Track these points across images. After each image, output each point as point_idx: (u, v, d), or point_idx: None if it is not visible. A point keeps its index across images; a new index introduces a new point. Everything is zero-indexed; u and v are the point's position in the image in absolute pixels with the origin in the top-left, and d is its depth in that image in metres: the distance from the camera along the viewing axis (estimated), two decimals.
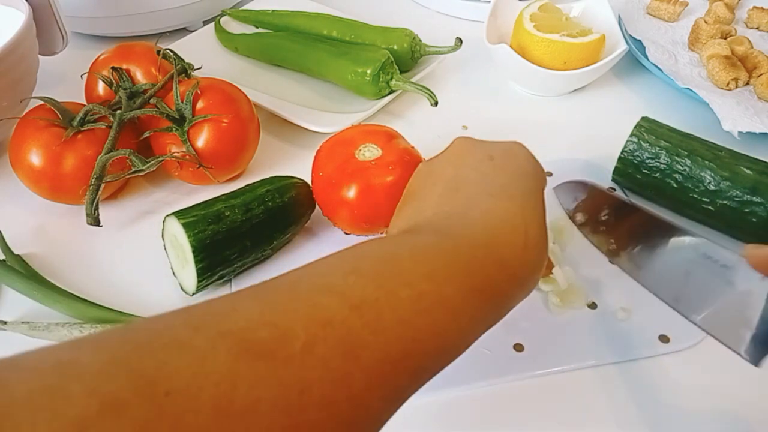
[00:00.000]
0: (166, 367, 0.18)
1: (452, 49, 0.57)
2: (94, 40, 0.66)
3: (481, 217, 0.29)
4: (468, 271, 0.26)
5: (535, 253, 0.29)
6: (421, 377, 0.23)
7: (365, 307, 0.22)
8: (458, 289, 0.25)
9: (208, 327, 0.20)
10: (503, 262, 0.27)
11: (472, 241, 0.27)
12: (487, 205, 0.29)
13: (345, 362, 0.20)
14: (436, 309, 0.24)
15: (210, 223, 0.40)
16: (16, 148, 0.46)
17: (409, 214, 0.31)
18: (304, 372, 0.19)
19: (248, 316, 0.20)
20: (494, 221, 0.29)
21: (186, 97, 0.47)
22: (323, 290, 0.22)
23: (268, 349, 0.19)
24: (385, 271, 0.24)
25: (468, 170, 0.32)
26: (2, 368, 0.17)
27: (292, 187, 0.45)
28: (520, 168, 0.32)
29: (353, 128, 0.46)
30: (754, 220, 0.43)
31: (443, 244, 0.27)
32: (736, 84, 0.57)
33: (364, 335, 0.21)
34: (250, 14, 0.66)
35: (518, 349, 0.39)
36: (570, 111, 0.59)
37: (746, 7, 0.67)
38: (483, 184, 0.31)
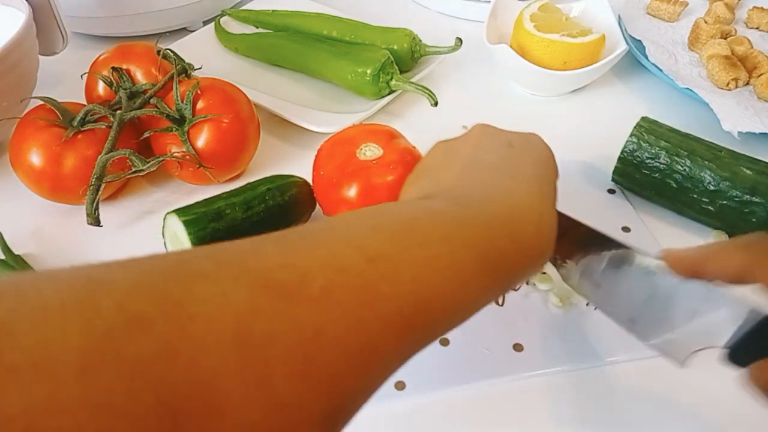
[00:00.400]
0: (191, 293, 0.18)
1: (452, 49, 0.57)
2: (94, 40, 0.66)
3: (500, 195, 0.30)
4: (483, 241, 0.27)
5: (546, 236, 0.30)
6: (428, 335, 0.24)
7: (381, 261, 0.23)
8: (472, 257, 0.26)
9: (232, 262, 0.20)
10: (517, 238, 0.28)
11: (489, 213, 0.28)
12: (506, 185, 0.30)
13: (361, 309, 0.21)
14: (449, 272, 0.24)
15: (210, 220, 0.40)
16: (16, 148, 0.46)
17: (425, 185, 0.32)
18: (321, 314, 0.20)
19: (269, 257, 0.21)
20: (512, 200, 0.30)
21: (186, 97, 0.47)
22: (342, 241, 0.23)
23: (287, 288, 0.20)
24: (402, 230, 0.25)
25: (488, 153, 0.33)
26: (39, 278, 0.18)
27: (292, 186, 0.45)
28: (538, 156, 0.34)
29: (354, 127, 0.46)
30: (753, 220, 0.43)
31: (462, 212, 0.28)
32: (736, 84, 0.57)
33: (380, 287, 0.22)
34: (250, 14, 0.66)
35: (518, 349, 0.39)
36: (570, 111, 0.59)
37: (746, 7, 0.67)
38: (503, 166, 0.32)
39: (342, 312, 0.20)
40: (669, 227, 0.47)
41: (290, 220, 0.45)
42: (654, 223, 0.47)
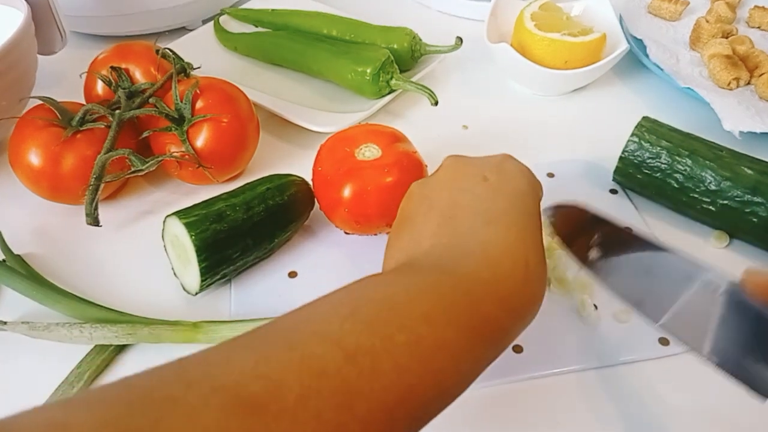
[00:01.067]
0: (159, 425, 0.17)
1: (452, 48, 0.57)
2: (93, 39, 0.66)
3: (481, 250, 0.28)
4: (468, 311, 0.25)
5: (536, 284, 0.28)
6: (419, 422, 0.23)
7: (360, 355, 0.21)
8: (458, 331, 0.24)
9: (201, 382, 0.19)
10: (504, 298, 0.27)
11: (471, 277, 0.27)
12: (486, 236, 0.29)
13: (339, 413, 0.20)
14: (435, 353, 0.23)
15: (212, 222, 0.40)
16: (15, 148, 0.46)
17: (405, 245, 0.31)
18: (296, 426, 0.19)
19: (242, 368, 0.20)
20: (494, 253, 0.28)
21: (185, 97, 0.47)
22: (318, 339, 0.22)
23: (260, 403, 0.19)
24: (381, 316, 0.23)
25: (462, 194, 0.31)
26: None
27: (291, 185, 0.45)
28: (515, 187, 0.31)
29: (359, 127, 0.46)
30: (755, 220, 0.43)
31: (442, 282, 0.26)
32: (737, 83, 0.57)
33: (360, 384, 0.21)
34: (250, 13, 0.66)
35: (517, 350, 0.39)
36: (570, 110, 0.59)
37: (748, 6, 0.67)
38: (480, 211, 0.30)
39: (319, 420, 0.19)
40: (670, 227, 0.47)
41: (290, 219, 0.44)
42: (655, 222, 0.47)
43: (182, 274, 0.42)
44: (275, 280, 0.44)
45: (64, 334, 0.39)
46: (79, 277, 0.44)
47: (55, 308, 0.41)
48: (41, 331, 0.40)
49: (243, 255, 0.42)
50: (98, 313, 0.41)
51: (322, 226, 0.47)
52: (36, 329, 0.40)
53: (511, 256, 0.28)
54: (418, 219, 0.32)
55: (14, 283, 0.42)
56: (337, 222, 0.44)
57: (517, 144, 0.54)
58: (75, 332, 0.39)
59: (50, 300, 0.41)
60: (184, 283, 0.42)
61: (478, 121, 0.57)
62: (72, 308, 0.41)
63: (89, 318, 0.41)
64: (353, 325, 0.23)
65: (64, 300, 0.41)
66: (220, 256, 0.41)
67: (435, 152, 0.45)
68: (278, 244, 0.45)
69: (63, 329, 0.39)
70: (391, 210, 0.37)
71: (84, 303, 0.41)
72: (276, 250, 0.45)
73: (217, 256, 0.40)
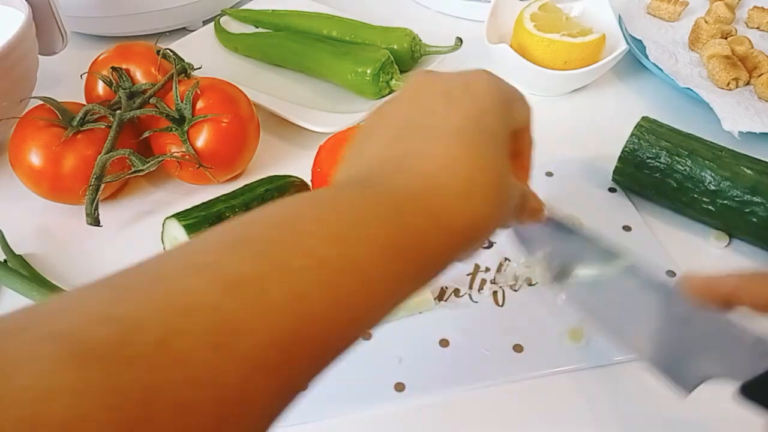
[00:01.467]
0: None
1: (452, 48, 0.57)
2: (93, 39, 0.66)
3: (418, 163, 0.24)
4: (387, 225, 0.22)
5: (480, 202, 0.24)
6: (323, 358, 0.20)
7: (244, 286, 0.18)
8: (372, 249, 0.21)
9: (36, 327, 0.16)
10: (435, 213, 0.23)
11: (398, 190, 0.23)
12: (429, 150, 0.25)
13: (214, 354, 0.17)
14: (342, 276, 0.20)
15: (211, 224, 0.40)
16: (15, 148, 0.46)
17: (348, 165, 0.27)
18: (155, 374, 0.16)
19: (92, 309, 0.17)
20: (431, 167, 0.24)
21: (186, 97, 0.47)
22: (193, 269, 0.18)
23: (107, 350, 0.15)
24: (275, 237, 0.20)
25: (420, 111, 0.27)
26: None
27: (290, 186, 0.45)
28: (477, 103, 0.27)
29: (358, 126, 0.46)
30: (754, 220, 0.43)
31: (361, 197, 0.23)
32: (737, 84, 0.57)
33: (242, 319, 0.17)
34: (250, 14, 0.66)
35: (518, 349, 0.39)
36: (570, 111, 0.59)
37: (747, 6, 0.67)
38: (432, 127, 0.26)
39: (185, 365, 0.16)
40: (669, 227, 0.47)
41: None
42: (654, 222, 0.47)
43: None
44: None
45: None
46: (78, 278, 0.44)
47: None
48: None
49: None
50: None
51: None
52: None
53: (450, 170, 0.24)
54: (367, 136, 0.28)
55: (15, 284, 0.42)
56: None
57: None
58: None
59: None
60: None
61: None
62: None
63: None
64: (240, 251, 0.19)
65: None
66: None
67: None
68: None
69: None
70: None
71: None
72: None
73: None
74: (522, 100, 0.29)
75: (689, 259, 0.44)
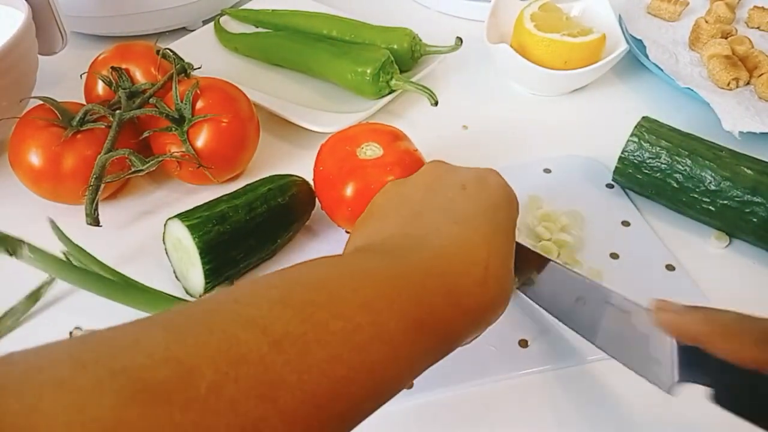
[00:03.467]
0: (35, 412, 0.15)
1: (452, 48, 0.57)
2: (93, 39, 0.66)
3: (440, 244, 0.27)
4: (414, 301, 0.24)
5: (495, 290, 0.27)
6: (353, 418, 0.21)
7: (288, 343, 0.20)
8: (400, 322, 0.23)
9: (99, 363, 0.17)
10: (456, 294, 0.25)
11: (424, 267, 0.26)
12: (449, 232, 0.28)
13: (259, 405, 0.18)
14: (373, 344, 0.22)
15: (215, 224, 0.40)
16: (15, 148, 0.46)
17: (368, 233, 0.30)
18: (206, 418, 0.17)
19: (151, 349, 0.18)
20: (453, 249, 0.27)
21: (185, 97, 0.47)
22: (242, 322, 0.20)
23: (165, 390, 0.17)
24: (317, 300, 0.22)
25: (437, 196, 0.30)
26: None
27: (292, 185, 0.45)
28: (491, 198, 0.30)
29: (359, 126, 0.46)
30: (754, 220, 0.43)
31: (391, 268, 0.25)
32: (737, 84, 0.57)
33: (285, 374, 0.19)
34: (250, 14, 0.66)
35: (523, 344, 0.39)
36: (570, 111, 0.59)
37: (747, 6, 0.67)
38: (450, 211, 0.29)
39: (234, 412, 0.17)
40: (670, 227, 0.47)
41: (292, 219, 0.45)
42: (654, 222, 0.47)
43: (185, 277, 0.42)
44: None
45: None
46: None
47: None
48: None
49: (246, 256, 0.42)
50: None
51: (324, 225, 0.47)
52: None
53: (470, 255, 0.27)
54: (386, 212, 0.31)
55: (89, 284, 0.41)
56: (339, 221, 0.44)
57: (516, 144, 0.55)
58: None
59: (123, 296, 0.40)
60: (188, 287, 0.42)
61: (478, 121, 0.57)
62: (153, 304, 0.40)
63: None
64: (283, 309, 0.21)
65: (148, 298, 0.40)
66: (224, 257, 0.41)
67: (435, 152, 0.45)
68: (281, 245, 0.45)
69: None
70: None
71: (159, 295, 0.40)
72: (278, 250, 0.45)
73: (221, 258, 0.41)
74: (518, 202, 0.33)
75: (690, 259, 0.44)
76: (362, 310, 0.22)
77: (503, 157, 0.53)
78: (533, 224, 0.46)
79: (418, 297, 0.24)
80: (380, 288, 0.23)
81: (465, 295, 0.26)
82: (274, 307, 0.21)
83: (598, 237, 0.45)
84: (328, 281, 0.23)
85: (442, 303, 0.25)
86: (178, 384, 0.17)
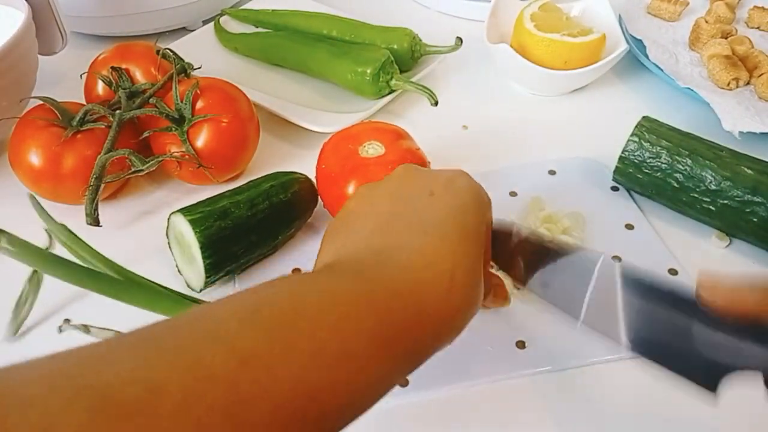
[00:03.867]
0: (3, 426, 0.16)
1: (452, 48, 0.57)
2: (93, 39, 0.66)
3: (407, 258, 0.27)
4: (381, 322, 0.24)
5: (461, 299, 0.27)
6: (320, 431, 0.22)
7: (255, 361, 0.20)
8: (368, 342, 0.23)
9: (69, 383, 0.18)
10: (423, 312, 0.26)
11: (390, 286, 0.26)
12: (416, 244, 0.28)
13: (225, 422, 0.19)
14: (340, 364, 0.22)
15: (216, 219, 0.41)
16: (15, 148, 0.46)
17: (336, 248, 0.30)
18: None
19: (119, 369, 0.19)
20: (419, 263, 0.27)
21: (185, 97, 0.47)
22: (210, 341, 0.20)
23: (132, 409, 0.17)
24: (285, 320, 0.22)
25: (404, 206, 0.31)
26: None
27: (295, 183, 0.45)
28: (459, 203, 0.30)
29: (362, 124, 0.46)
30: (755, 219, 0.43)
31: (358, 288, 0.25)
32: (737, 84, 0.57)
33: (253, 392, 0.19)
34: (250, 14, 0.66)
35: (520, 346, 0.39)
36: (570, 111, 0.59)
37: (747, 6, 0.67)
38: (416, 222, 0.29)
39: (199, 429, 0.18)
40: (670, 227, 0.47)
41: (294, 216, 0.45)
42: (655, 222, 0.47)
43: (186, 271, 0.42)
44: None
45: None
46: None
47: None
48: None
49: (247, 252, 0.42)
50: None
51: (326, 223, 0.46)
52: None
53: (435, 268, 0.27)
54: (355, 221, 0.31)
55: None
56: None
57: (516, 144, 0.55)
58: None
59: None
60: (188, 280, 0.42)
61: (478, 121, 0.57)
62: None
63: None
64: (252, 328, 0.21)
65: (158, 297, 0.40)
66: (225, 253, 0.41)
67: (435, 152, 0.45)
68: (282, 242, 0.45)
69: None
70: None
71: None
72: (280, 247, 0.45)
73: (222, 253, 0.41)
74: (490, 202, 0.32)
75: (690, 259, 0.44)
76: (329, 330, 0.23)
77: (503, 157, 0.53)
78: (535, 226, 0.46)
79: (384, 317, 0.25)
80: (347, 309, 0.24)
81: (429, 309, 0.26)
82: (243, 326, 0.21)
83: (600, 239, 0.45)
84: (295, 301, 0.24)
85: (410, 320, 0.25)
86: (145, 402, 0.18)
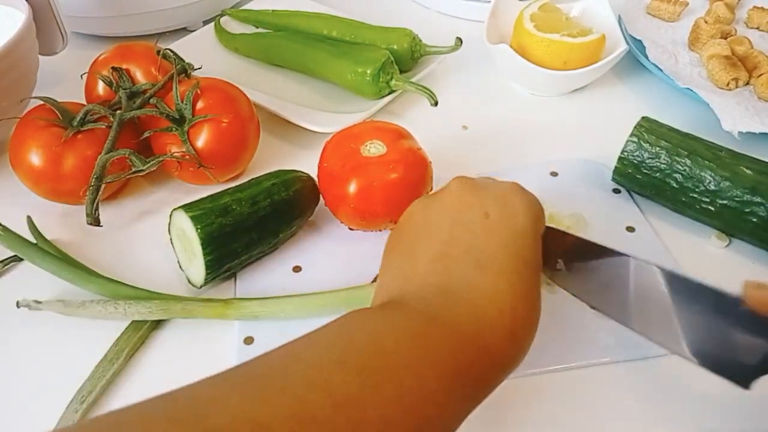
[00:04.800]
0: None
1: (452, 49, 0.57)
2: (94, 40, 0.66)
3: (468, 296, 0.29)
4: (452, 362, 0.26)
5: (522, 335, 0.29)
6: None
7: (349, 405, 0.22)
8: (442, 382, 0.25)
9: (191, 422, 0.20)
10: (487, 349, 0.27)
11: (460, 329, 0.27)
12: (475, 281, 0.29)
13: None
14: (420, 404, 0.24)
15: (218, 216, 0.41)
16: (16, 148, 0.46)
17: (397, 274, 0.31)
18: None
19: (233, 411, 0.20)
20: (482, 301, 0.28)
21: (186, 97, 0.47)
22: (309, 385, 0.22)
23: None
24: (370, 365, 0.24)
25: (461, 229, 0.31)
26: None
27: (296, 181, 0.45)
28: (514, 228, 0.31)
29: (364, 123, 0.46)
30: (754, 220, 0.43)
31: (429, 332, 0.27)
32: (736, 84, 0.57)
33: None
34: (250, 14, 0.66)
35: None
36: (570, 111, 0.59)
37: (746, 7, 0.67)
38: (474, 251, 0.30)
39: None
40: (670, 227, 0.47)
41: (295, 214, 0.45)
42: (654, 222, 0.47)
43: (188, 267, 0.42)
44: (279, 274, 0.44)
45: (99, 310, 0.40)
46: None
47: (88, 288, 0.42)
48: (76, 309, 0.40)
49: (248, 249, 0.42)
50: (130, 292, 0.41)
51: (327, 221, 0.47)
52: (71, 306, 0.41)
53: (498, 306, 0.28)
54: (414, 246, 0.32)
55: (48, 264, 0.43)
56: (342, 218, 0.44)
57: (516, 144, 0.55)
58: (110, 308, 0.40)
59: (83, 280, 0.42)
60: (190, 277, 0.42)
61: (478, 122, 0.57)
62: (105, 287, 0.42)
63: (121, 296, 0.41)
64: (344, 373, 0.23)
65: (97, 280, 0.42)
66: (226, 249, 0.41)
67: (435, 152, 0.45)
68: (283, 239, 0.45)
69: (98, 306, 0.40)
70: (396, 206, 0.37)
71: (115, 283, 0.42)
72: (281, 244, 0.45)
73: (223, 250, 0.41)
74: (543, 211, 0.33)
75: (690, 259, 0.44)
76: (409, 374, 0.24)
77: (503, 157, 0.53)
78: None
79: (454, 357, 0.26)
80: (422, 351, 0.26)
81: (494, 348, 0.28)
82: (334, 370, 0.23)
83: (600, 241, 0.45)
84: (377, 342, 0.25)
85: (475, 359, 0.27)
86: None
